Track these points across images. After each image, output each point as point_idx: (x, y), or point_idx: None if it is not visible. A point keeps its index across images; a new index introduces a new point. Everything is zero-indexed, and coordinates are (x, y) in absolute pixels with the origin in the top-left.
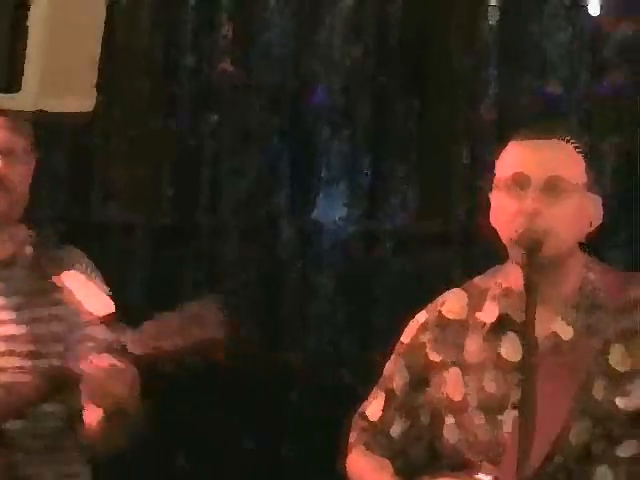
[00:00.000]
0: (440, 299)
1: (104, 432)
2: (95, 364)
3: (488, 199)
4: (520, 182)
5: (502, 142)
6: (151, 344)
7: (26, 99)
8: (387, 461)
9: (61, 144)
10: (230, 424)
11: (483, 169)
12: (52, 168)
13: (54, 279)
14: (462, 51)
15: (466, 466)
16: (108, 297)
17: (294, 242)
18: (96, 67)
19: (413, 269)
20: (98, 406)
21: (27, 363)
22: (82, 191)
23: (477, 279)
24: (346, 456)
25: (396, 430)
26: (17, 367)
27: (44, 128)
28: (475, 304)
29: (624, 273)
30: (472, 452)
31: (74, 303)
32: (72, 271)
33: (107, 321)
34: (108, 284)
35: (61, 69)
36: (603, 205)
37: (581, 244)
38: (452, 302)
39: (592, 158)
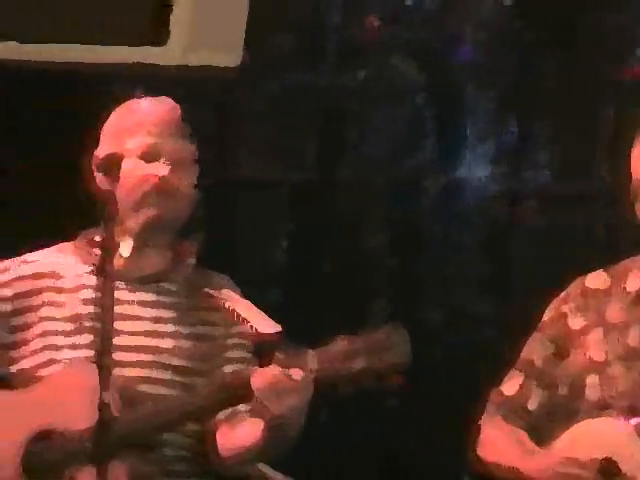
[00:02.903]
0: (581, 278)
1: (260, 447)
2: (266, 375)
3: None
4: None
5: None
6: (333, 365)
7: (172, 53)
8: (524, 433)
9: (206, 99)
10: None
11: (629, 127)
12: (196, 124)
13: (215, 299)
14: (612, 6)
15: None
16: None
17: (438, 200)
18: (244, 21)
19: (556, 228)
20: (262, 417)
21: (169, 376)
22: (226, 147)
23: (623, 262)
24: (477, 437)
25: (534, 403)
26: (159, 379)
27: (190, 83)
28: (618, 278)
29: None
30: (611, 400)
31: (236, 322)
32: (229, 291)
33: (276, 339)
34: (251, 238)
35: (209, 22)
36: None
37: None
38: (594, 276)
39: None
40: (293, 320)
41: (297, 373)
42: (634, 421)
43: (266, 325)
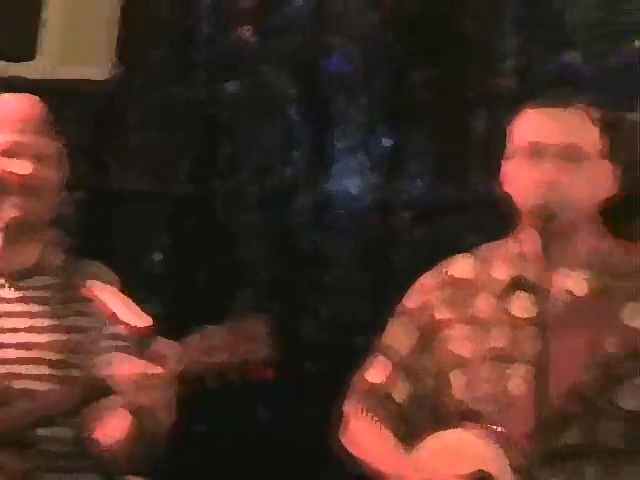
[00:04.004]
0: (445, 263)
1: (131, 440)
2: (129, 367)
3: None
4: (536, 151)
5: (519, 110)
6: (198, 358)
7: (42, 67)
8: (389, 433)
9: (79, 112)
10: (244, 394)
11: (499, 137)
12: (70, 136)
13: (84, 290)
14: (480, 20)
15: (470, 417)
16: (142, 310)
17: (309, 211)
18: (115, 35)
19: (429, 238)
20: (129, 410)
21: (45, 371)
22: (100, 160)
23: (485, 246)
24: (342, 422)
25: (400, 393)
26: (34, 375)
27: (61, 96)
28: (484, 266)
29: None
30: (477, 403)
31: (106, 314)
32: (103, 284)
33: (145, 333)
34: (128, 250)
35: (79, 36)
36: (621, 175)
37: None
38: (460, 264)
39: (608, 128)
40: (169, 331)
41: (158, 367)
42: (497, 429)
43: (134, 318)
